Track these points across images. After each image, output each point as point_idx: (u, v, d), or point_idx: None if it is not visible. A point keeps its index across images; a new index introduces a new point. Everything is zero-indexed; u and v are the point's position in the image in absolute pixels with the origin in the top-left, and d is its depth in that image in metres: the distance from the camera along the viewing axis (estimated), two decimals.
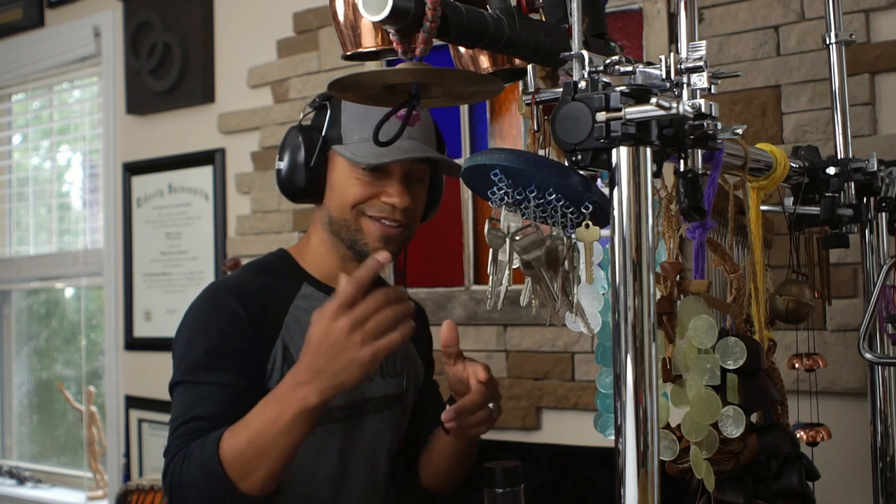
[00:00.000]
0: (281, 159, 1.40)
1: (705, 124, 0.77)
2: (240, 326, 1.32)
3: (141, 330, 2.84)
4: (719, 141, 0.81)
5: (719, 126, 0.79)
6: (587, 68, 0.79)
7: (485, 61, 1.03)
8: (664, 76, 0.79)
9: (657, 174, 0.79)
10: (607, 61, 0.80)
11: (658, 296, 0.93)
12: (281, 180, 1.40)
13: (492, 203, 0.90)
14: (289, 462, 1.19)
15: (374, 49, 0.94)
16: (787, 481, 1.02)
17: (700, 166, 0.83)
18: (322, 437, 1.34)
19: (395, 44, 0.80)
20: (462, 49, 1.03)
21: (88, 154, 3.20)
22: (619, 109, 0.74)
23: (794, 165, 1.15)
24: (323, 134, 1.38)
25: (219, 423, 1.24)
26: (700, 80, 0.78)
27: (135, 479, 2.73)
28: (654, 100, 0.73)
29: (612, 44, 0.94)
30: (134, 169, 2.87)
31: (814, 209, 1.20)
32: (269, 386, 1.33)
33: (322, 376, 1.14)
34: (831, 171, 1.20)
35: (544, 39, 0.90)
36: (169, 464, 1.23)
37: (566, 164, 0.85)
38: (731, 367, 0.93)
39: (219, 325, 1.32)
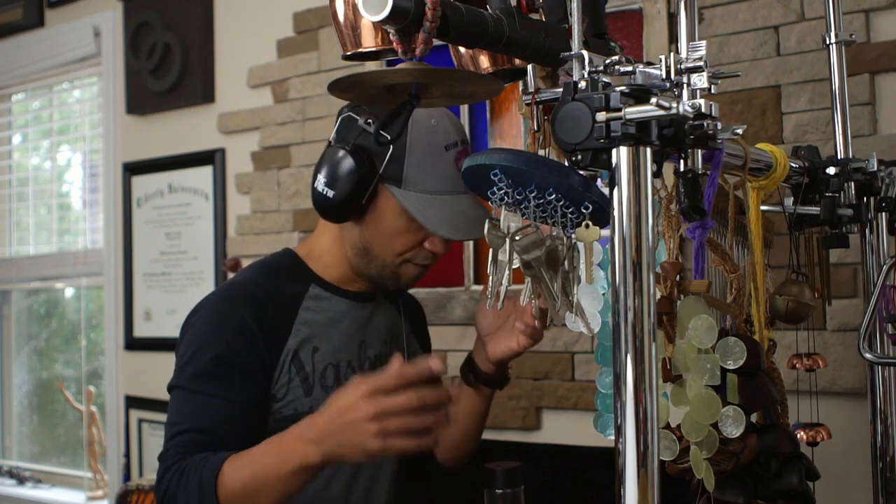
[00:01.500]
0: (329, 184, 1.31)
1: (705, 124, 0.77)
2: (249, 337, 1.32)
3: (141, 330, 2.84)
4: (719, 141, 0.81)
5: (719, 126, 0.79)
6: (587, 68, 0.79)
7: (485, 61, 1.03)
8: (664, 76, 0.79)
9: (657, 174, 0.79)
10: (607, 61, 0.80)
11: (658, 296, 0.93)
12: (322, 203, 1.33)
13: (492, 203, 0.90)
14: (285, 500, 1.20)
15: (374, 49, 0.94)
16: (787, 481, 1.02)
17: (700, 166, 0.83)
18: None
19: (395, 44, 0.80)
20: (462, 49, 1.03)
21: (88, 154, 3.20)
22: (619, 109, 0.74)
23: (794, 165, 1.15)
24: (381, 170, 1.31)
25: (218, 439, 1.26)
26: (700, 80, 0.78)
27: (135, 479, 2.72)
28: (654, 100, 0.73)
29: (612, 44, 0.94)
30: (134, 169, 2.87)
31: (814, 209, 1.20)
32: (275, 391, 1.34)
33: (329, 442, 1.14)
34: (831, 171, 1.20)
35: (544, 39, 0.90)
36: (164, 473, 1.24)
37: (566, 164, 0.85)
38: (731, 367, 0.93)
39: (227, 335, 1.32)
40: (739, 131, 0.83)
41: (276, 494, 1.18)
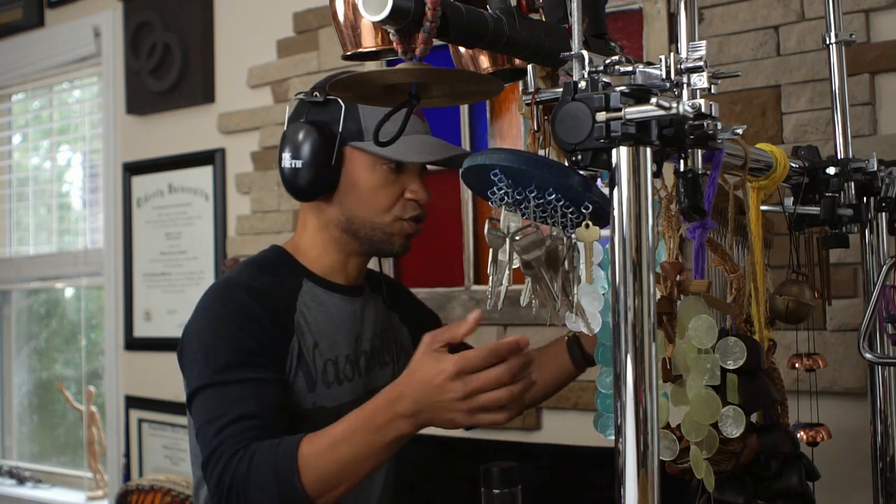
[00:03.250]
0: (294, 157, 1.34)
1: (705, 124, 0.77)
2: (258, 323, 1.29)
3: (141, 330, 2.84)
4: (719, 141, 0.81)
5: (719, 126, 0.79)
6: (587, 68, 0.79)
7: (485, 61, 1.03)
8: (664, 76, 0.79)
9: (657, 174, 0.79)
10: (607, 61, 0.80)
11: (658, 296, 0.93)
12: (292, 179, 1.35)
13: (492, 203, 0.90)
14: (368, 476, 1.20)
15: (374, 49, 0.93)
16: (787, 481, 1.02)
17: (700, 166, 0.83)
18: None
19: (395, 44, 0.80)
20: (462, 49, 1.03)
21: (88, 154, 3.20)
22: (619, 109, 0.74)
23: (794, 165, 1.15)
24: (340, 130, 1.35)
25: (270, 420, 1.23)
26: (700, 80, 0.78)
27: (135, 479, 2.73)
28: (654, 100, 0.73)
29: (612, 44, 0.94)
30: (134, 169, 2.88)
31: (814, 209, 1.20)
32: (290, 382, 1.32)
33: (423, 416, 1.14)
34: (831, 171, 1.20)
35: (544, 39, 0.90)
36: (228, 463, 1.18)
37: (566, 164, 0.85)
38: (731, 367, 0.93)
39: (239, 322, 1.29)
40: (739, 131, 0.83)
41: (363, 473, 1.17)
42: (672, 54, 0.79)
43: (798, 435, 1.24)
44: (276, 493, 1.15)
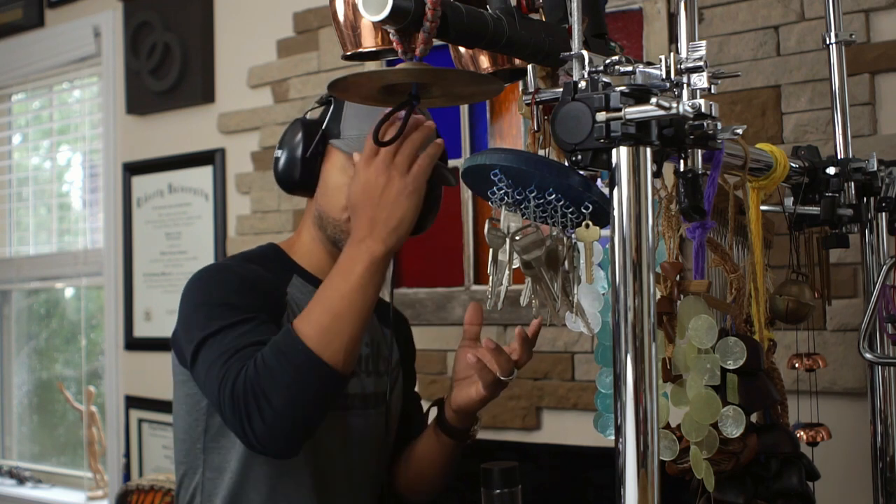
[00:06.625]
0: (280, 149, 1.39)
1: (705, 124, 0.77)
2: (255, 290, 1.30)
3: (141, 330, 2.84)
4: (719, 141, 0.81)
5: (719, 126, 0.79)
6: (587, 68, 0.79)
7: (485, 61, 1.03)
8: (664, 76, 0.79)
9: (657, 174, 0.79)
10: (607, 61, 0.80)
11: (658, 296, 0.93)
12: (277, 170, 1.39)
13: (492, 203, 0.90)
14: (366, 323, 1.18)
15: (374, 49, 0.94)
16: (787, 481, 1.02)
17: (700, 166, 0.83)
18: None
19: (395, 44, 0.80)
20: (462, 49, 1.03)
21: (88, 154, 3.20)
22: (619, 109, 0.74)
23: (794, 165, 1.15)
24: (323, 127, 1.37)
25: None
26: (700, 80, 0.78)
27: (135, 479, 2.72)
28: (654, 100, 0.73)
29: (612, 44, 0.94)
30: (134, 169, 2.88)
31: (814, 209, 1.20)
32: None
33: (379, 225, 1.14)
34: (831, 171, 1.20)
35: (544, 39, 0.90)
36: (237, 376, 1.16)
37: (566, 164, 0.85)
38: (731, 367, 0.93)
39: (234, 288, 1.29)
40: (739, 131, 0.83)
41: (356, 311, 1.16)
42: (672, 54, 0.79)
43: (798, 435, 1.24)
44: (289, 367, 1.14)
